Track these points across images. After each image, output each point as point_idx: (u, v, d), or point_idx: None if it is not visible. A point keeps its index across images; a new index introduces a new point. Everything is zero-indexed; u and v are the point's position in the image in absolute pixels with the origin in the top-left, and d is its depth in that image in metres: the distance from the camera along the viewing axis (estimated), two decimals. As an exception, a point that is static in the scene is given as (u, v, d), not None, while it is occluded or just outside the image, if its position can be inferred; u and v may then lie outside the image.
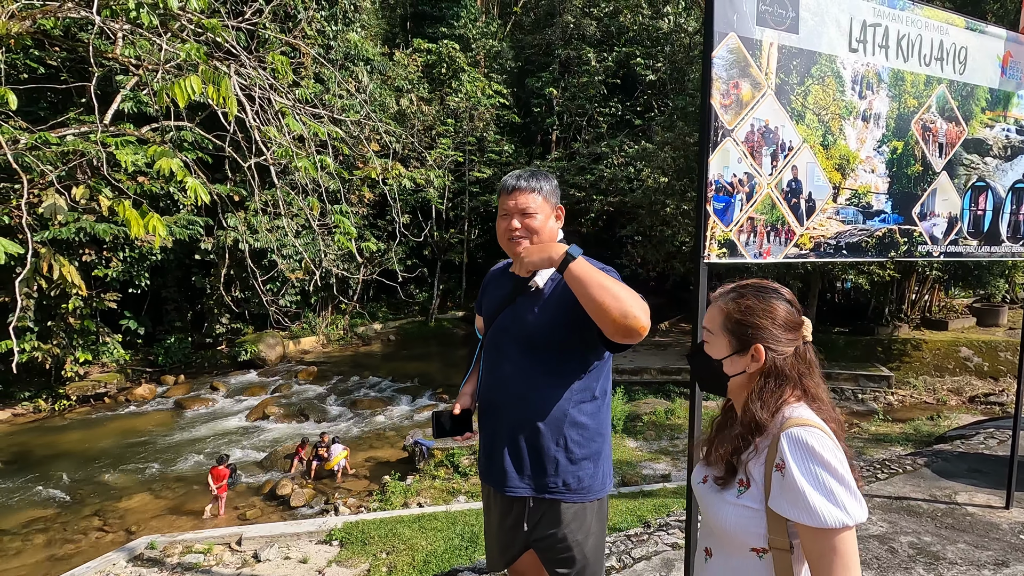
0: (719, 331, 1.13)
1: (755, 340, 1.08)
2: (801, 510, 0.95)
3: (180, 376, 13.20)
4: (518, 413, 1.63)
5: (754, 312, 1.09)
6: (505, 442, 1.65)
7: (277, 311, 6.40)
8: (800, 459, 0.97)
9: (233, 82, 3.93)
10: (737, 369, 1.11)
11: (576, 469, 1.62)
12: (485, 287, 1.87)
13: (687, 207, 12.18)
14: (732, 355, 1.11)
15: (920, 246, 2.60)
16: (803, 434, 0.98)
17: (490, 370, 1.72)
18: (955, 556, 2.74)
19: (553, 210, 1.69)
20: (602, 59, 18.37)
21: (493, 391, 1.69)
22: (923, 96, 2.51)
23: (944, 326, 12.59)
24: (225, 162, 12.99)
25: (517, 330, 1.65)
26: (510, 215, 1.64)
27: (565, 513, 1.62)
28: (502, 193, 1.68)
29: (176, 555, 4.84)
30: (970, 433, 5.35)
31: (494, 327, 1.71)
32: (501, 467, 1.64)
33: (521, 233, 1.63)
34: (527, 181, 1.66)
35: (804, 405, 1.06)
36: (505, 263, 1.84)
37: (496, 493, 1.70)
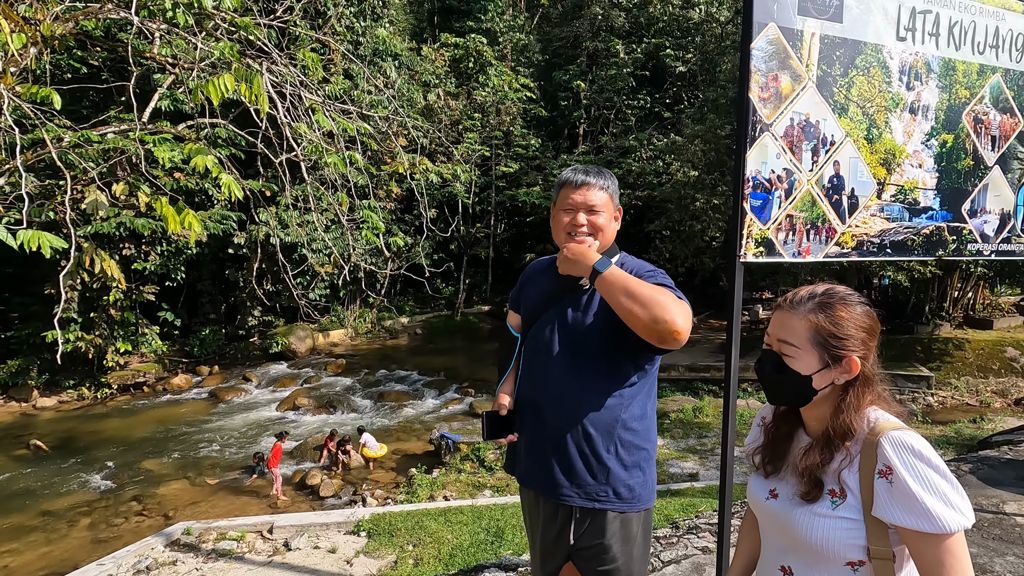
0: (807, 345, 1.05)
1: (849, 352, 1.03)
2: (919, 516, 0.92)
3: (214, 367, 13.58)
4: (566, 417, 1.55)
5: (846, 324, 1.04)
6: (550, 446, 1.57)
7: (307, 304, 6.52)
8: (909, 463, 0.94)
9: (265, 80, 3.99)
10: (826, 382, 1.05)
11: (627, 477, 1.55)
12: (524, 282, 1.79)
13: (717, 201, 11.94)
14: (822, 370, 1.04)
15: (970, 245, 2.48)
16: (904, 437, 0.96)
17: (533, 371, 1.63)
18: (1003, 569, 2.62)
19: (615, 210, 1.63)
20: (630, 51, 18.09)
21: (537, 393, 1.61)
22: (976, 86, 2.38)
23: (989, 325, 12.07)
24: (257, 158, 13.26)
25: (565, 331, 1.58)
26: (575, 210, 1.57)
27: (612, 523, 1.54)
28: (566, 186, 1.59)
29: (211, 541, 4.98)
30: (1018, 439, 5.12)
31: (537, 325, 1.64)
32: (548, 473, 1.57)
33: (587, 229, 1.56)
34: (595, 177, 1.59)
35: (878, 408, 1.04)
36: (549, 259, 1.75)
37: (540, 499, 1.62)
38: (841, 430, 1.02)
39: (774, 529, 1.11)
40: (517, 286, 1.81)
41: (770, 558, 1.13)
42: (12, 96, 3.37)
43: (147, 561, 4.60)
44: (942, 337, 11.74)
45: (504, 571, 2.97)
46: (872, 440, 0.98)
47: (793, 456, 1.11)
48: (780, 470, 1.11)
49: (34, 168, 9.06)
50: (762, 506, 1.12)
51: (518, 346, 1.71)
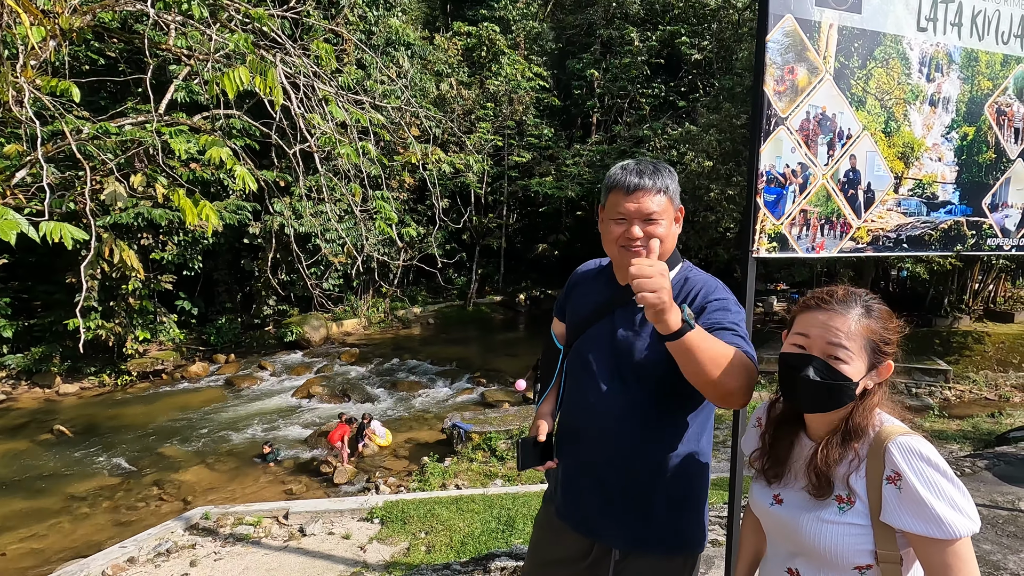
0: (860, 350, 1.02)
1: (888, 356, 1.05)
2: (928, 522, 0.92)
3: (231, 355, 13.79)
4: (611, 448, 1.37)
5: (893, 328, 1.06)
6: (591, 479, 1.41)
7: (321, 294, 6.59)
8: (918, 469, 0.94)
9: (279, 71, 4.01)
10: (862, 386, 1.05)
11: (676, 519, 1.38)
12: (572, 288, 1.61)
13: (732, 192, 11.80)
14: (868, 373, 1.04)
15: (990, 239, 2.43)
16: (912, 443, 0.96)
17: (577, 391, 1.46)
18: (1017, 567, 2.60)
19: (676, 212, 1.40)
20: (645, 38, 17.85)
21: (579, 417, 1.44)
22: (999, 77, 2.33)
23: (1010, 318, 11.85)
24: (271, 149, 13.35)
25: (615, 350, 1.38)
26: (629, 220, 1.33)
27: (656, 568, 1.37)
28: (615, 191, 1.35)
29: (228, 526, 5.09)
30: (1036, 434, 5.04)
31: (583, 339, 1.46)
32: (586, 509, 1.41)
33: (643, 243, 1.32)
34: (651, 178, 1.34)
35: (879, 409, 1.05)
36: (599, 263, 1.59)
37: (572, 533, 1.45)
38: (859, 429, 1.02)
39: (780, 534, 1.10)
40: (563, 292, 1.64)
41: (776, 561, 1.13)
42: (32, 89, 3.42)
43: (167, 544, 4.72)
44: (961, 330, 11.55)
45: (515, 559, 3.01)
46: (879, 445, 0.98)
47: (796, 461, 1.09)
48: (783, 475, 1.10)
49: (54, 159, 9.22)
50: (767, 512, 1.12)
51: (561, 359, 1.55)
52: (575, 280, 1.62)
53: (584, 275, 1.61)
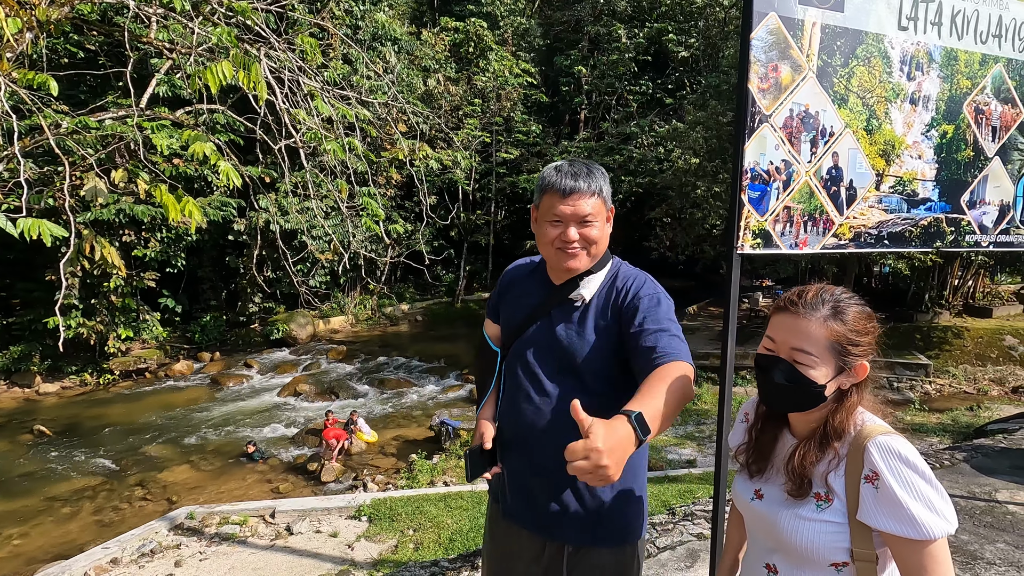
0: (825, 354, 1.00)
1: (859, 357, 1.02)
2: (904, 523, 0.92)
3: (215, 353, 13.64)
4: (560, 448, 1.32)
5: (863, 329, 1.03)
6: (543, 480, 1.42)
7: (307, 291, 6.53)
8: (895, 469, 0.94)
9: (263, 65, 3.96)
10: (834, 388, 1.03)
11: (624, 511, 1.43)
12: (505, 289, 1.57)
13: (718, 189, 11.89)
14: (836, 376, 1.02)
15: (968, 236, 2.48)
16: (892, 443, 0.96)
17: (517, 394, 1.45)
18: (993, 556, 2.66)
19: (608, 212, 1.42)
20: (633, 36, 17.91)
21: (525, 419, 1.42)
22: (977, 76, 2.37)
23: (988, 313, 12.10)
24: (256, 144, 13.19)
25: (557, 350, 1.39)
26: (565, 223, 1.35)
27: (607, 559, 1.42)
28: (550, 193, 1.36)
29: (214, 525, 5.05)
30: (1013, 427, 5.16)
31: (521, 342, 1.46)
32: (538, 509, 1.42)
33: (580, 244, 1.36)
34: (585, 180, 1.35)
35: (861, 408, 1.03)
36: (531, 261, 1.58)
37: (523, 534, 1.46)
38: (838, 430, 1.02)
39: (759, 529, 1.11)
40: (496, 293, 1.60)
41: (756, 555, 1.14)
42: (8, 82, 3.35)
43: (151, 544, 4.67)
44: (941, 325, 11.77)
45: (502, 556, 3.02)
46: (859, 444, 0.98)
47: (778, 457, 1.10)
48: (765, 470, 1.11)
49: (32, 154, 9.04)
50: (747, 506, 1.12)
51: (499, 363, 1.53)
52: (508, 280, 1.59)
53: (517, 275, 1.58)
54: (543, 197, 1.38)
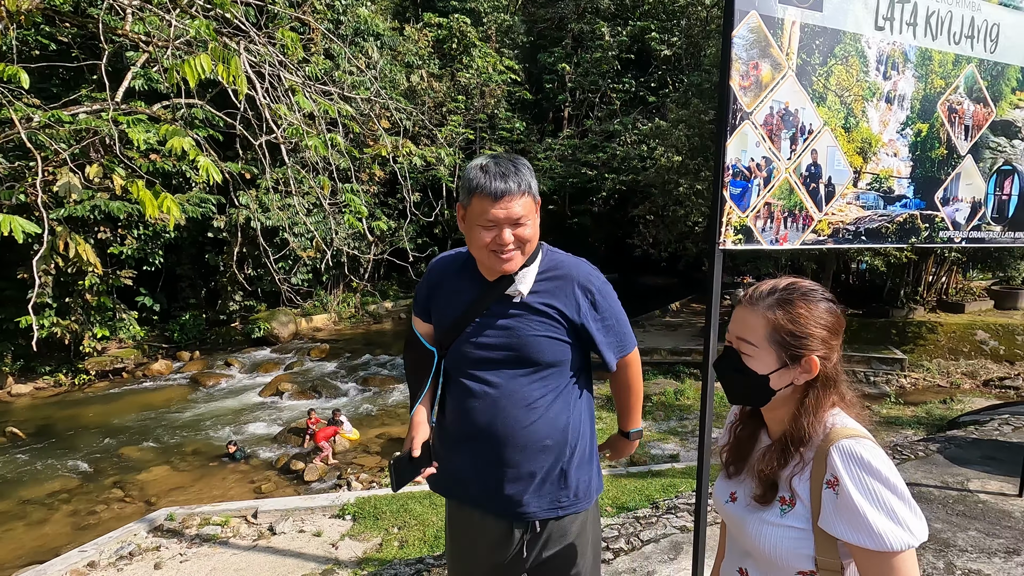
0: (764, 344, 0.99)
1: (808, 351, 0.97)
2: (862, 532, 0.88)
3: (195, 352, 13.42)
4: (523, 433, 1.42)
5: (806, 322, 0.97)
6: (507, 468, 1.44)
7: (289, 289, 6.46)
8: (856, 476, 0.89)
9: (243, 59, 3.90)
10: (784, 382, 0.99)
11: (587, 475, 1.50)
12: (435, 288, 1.51)
13: (701, 187, 12.01)
14: (779, 369, 0.99)
15: (942, 232, 2.54)
16: (855, 447, 0.91)
17: (467, 392, 1.44)
18: (965, 543, 2.74)
19: (536, 206, 1.40)
20: (616, 33, 17.98)
21: (477, 416, 1.43)
22: (951, 76, 2.42)
23: (960, 309, 12.40)
24: (236, 140, 12.99)
25: (502, 340, 1.41)
26: (499, 226, 1.31)
27: (571, 526, 1.48)
28: (484, 198, 1.30)
29: (194, 526, 4.98)
30: (984, 419, 5.31)
31: (462, 340, 1.44)
32: (505, 494, 1.44)
33: (514, 245, 1.34)
34: (515, 180, 1.31)
35: (840, 411, 0.99)
36: (459, 254, 1.53)
37: (485, 520, 1.48)
38: (798, 434, 0.98)
39: (733, 532, 1.10)
40: (424, 291, 1.53)
41: (731, 559, 1.13)
42: (-23, 75, 3.25)
43: (130, 547, 4.58)
44: (916, 320, 12.04)
45: (488, 552, 3.03)
46: (824, 448, 0.94)
47: (754, 458, 1.08)
48: (742, 471, 1.09)
49: (2, 149, 8.79)
50: (722, 508, 1.11)
51: (435, 362, 1.50)
52: (436, 279, 1.52)
53: (444, 272, 1.52)
54: (472, 199, 1.33)
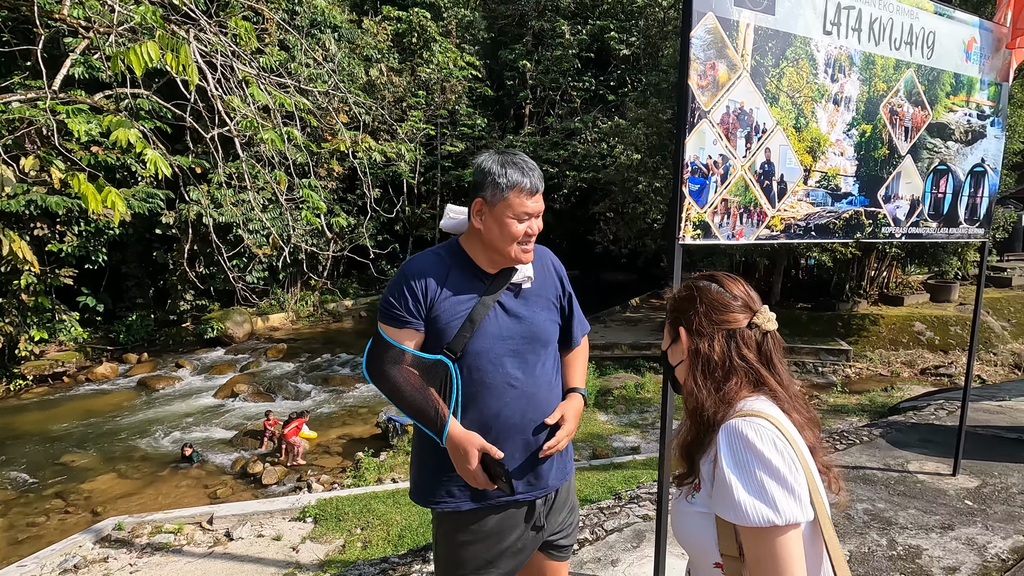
0: (667, 325, 1.11)
1: (679, 324, 1.05)
2: (727, 506, 0.86)
3: (143, 354, 12.84)
4: (542, 418, 1.52)
5: (683, 298, 1.07)
6: (536, 451, 1.51)
7: (244, 287, 6.24)
8: (732, 450, 0.88)
9: (193, 48, 3.74)
10: (677, 359, 1.06)
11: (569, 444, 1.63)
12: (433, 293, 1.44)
13: (659, 184, 12.27)
14: (671, 344, 1.08)
15: (884, 228, 2.68)
16: (741, 424, 0.89)
17: (494, 387, 1.45)
18: (906, 521, 2.91)
19: None
20: (576, 32, 18.15)
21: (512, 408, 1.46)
22: (892, 80, 2.56)
23: (900, 302, 13.10)
24: (186, 132, 12.47)
25: (518, 331, 1.47)
26: (532, 218, 1.45)
27: (570, 486, 1.65)
28: (518, 191, 1.41)
29: (145, 535, 4.78)
30: (921, 405, 5.63)
31: (480, 338, 1.43)
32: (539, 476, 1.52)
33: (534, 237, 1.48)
34: (540, 179, 1.47)
35: (763, 398, 0.97)
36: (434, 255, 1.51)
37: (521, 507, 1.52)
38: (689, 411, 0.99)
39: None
40: (414, 300, 1.43)
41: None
42: None
43: (74, 559, 4.36)
44: (860, 313, 12.66)
45: (453, 548, 3.03)
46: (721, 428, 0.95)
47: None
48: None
49: (-76, 138, 8.17)
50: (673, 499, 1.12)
51: (451, 370, 1.43)
52: (429, 285, 1.44)
53: (434, 274, 1.46)
54: (509, 194, 1.41)
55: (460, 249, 1.51)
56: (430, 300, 1.44)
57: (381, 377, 1.43)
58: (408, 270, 1.47)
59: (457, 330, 1.43)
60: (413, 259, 1.51)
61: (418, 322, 1.44)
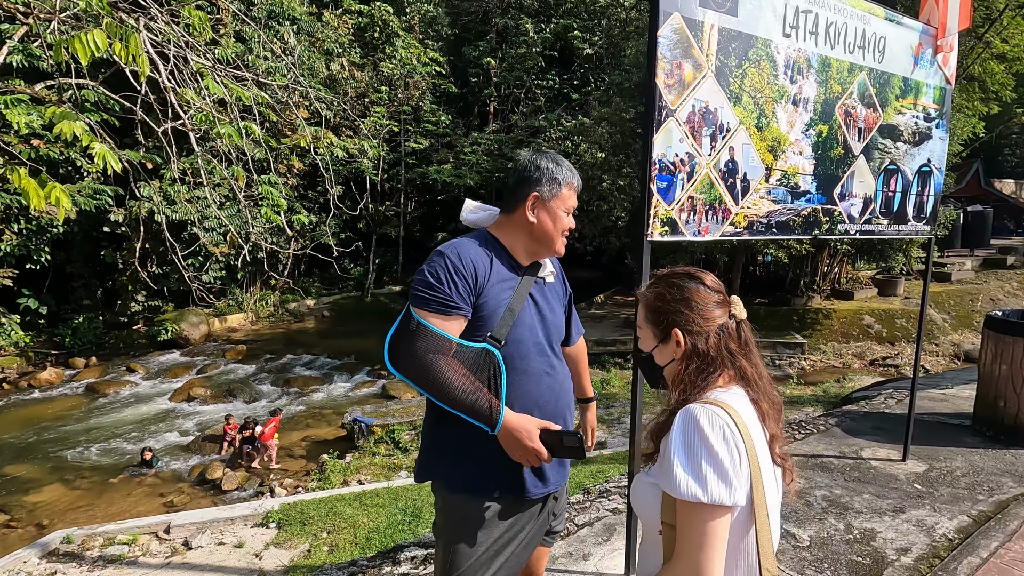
0: (644, 324, 1.14)
1: (673, 326, 1.07)
2: (664, 474, 0.94)
3: (91, 358, 12.24)
4: (566, 410, 1.59)
5: (669, 299, 1.09)
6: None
7: (200, 287, 6.01)
8: (684, 431, 0.95)
9: (143, 37, 3.58)
10: (666, 358, 1.10)
11: None
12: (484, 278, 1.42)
13: (623, 183, 12.44)
14: (658, 345, 1.11)
15: (840, 224, 2.79)
16: (698, 409, 0.96)
17: (533, 375, 1.48)
18: (861, 505, 3.04)
19: None
20: (540, 30, 18.21)
21: (548, 396, 1.52)
22: (846, 82, 2.66)
23: (850, 296, 13.68)
24: (137, 126, 11.94)
25: (546, 324, 1.55)
26: (570, 213, 1.57)
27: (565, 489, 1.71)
28: (570, 188, 1.55)
29: (96, 548, 4.56)
30: (872, 394, 5.90)
31: (519, 327, 1.46)
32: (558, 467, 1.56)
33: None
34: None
35: (737, 388, 1.03)
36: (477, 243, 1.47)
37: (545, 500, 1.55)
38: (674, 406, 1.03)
39: None
40: (466, 283, 1.38)
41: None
42: None
43: (19, 576, 4.13)
44: (813, 307, 13.15)
45: (424, 548, 3.00)
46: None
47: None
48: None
49: None
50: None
51: (496, 357, 1.42)
52: (479, 268, 1.42)
53: (481, 261, 1.44)
54: (563, 190, 1.54)
55: (495, 239, 1.52)
56: (480, 285, 1.41)
57: (424, 371, 1.33)
58: (454, 253, 1.41)
59: (502, 317, 1.43)
60: (455, 243, 1.46)
61: (467, 308, 1.39)
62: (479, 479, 1.44)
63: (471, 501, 1.45)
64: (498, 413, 1.35)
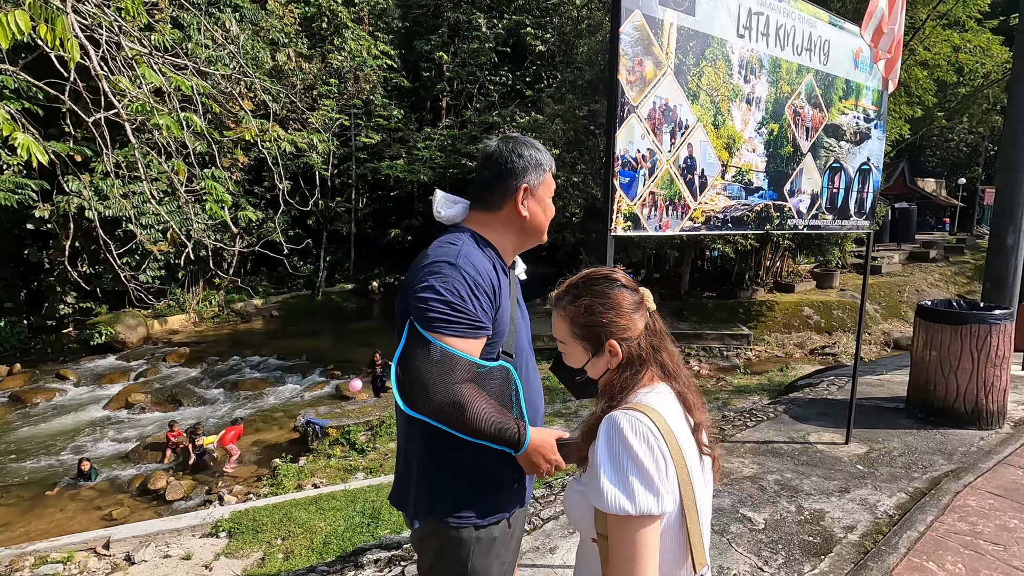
0: (570, 340, 1.06)
1: (607, 337, 1.02)
2: (593, 490, 0.92)
3: (15, 365, 11.38)
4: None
5: (596, 310, 1.03)
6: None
7: (137, 287, 5.67)
8: (609, 440, 0.93)
9: (71, 20, 3.33)
10: (600, 370, 1.05)
11: None
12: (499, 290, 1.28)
13: (577, 179, 12.58)
14: (591, 359, 1.05)
15: (790, 220, 2.90)
16: (621, 417, 0.93)
17: (529, 387, 1.41)
18: (810, 488, 3.19)
19: None
20: (492, 25, 18.16)
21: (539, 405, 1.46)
22: (795, 83, 2.76)
23: (791, 289, 14.36)
24: (65, 116, 11.14)
25: (527, 328, 1.46)
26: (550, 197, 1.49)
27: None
28: (550, 172, 1.44)
29: (26, 568, 4.24)
30: (815, 382, 6.20)
31: (519, 332, 1.38)
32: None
33: None
34: None
35: (661, 385, 1.02)
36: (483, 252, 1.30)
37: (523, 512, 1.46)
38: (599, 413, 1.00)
39: None
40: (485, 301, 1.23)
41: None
42: None
43: (-63, 604, 3.79)
44: (758, 300, 13.73)
45: (387, 550, 2.94)
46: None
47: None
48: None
49: None
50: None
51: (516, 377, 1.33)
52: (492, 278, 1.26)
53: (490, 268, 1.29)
54: (546, 175, 1.42)
55: (482, 238, 1.32)
56: (498, 297, 1.26)
57: (459, 410, 1.16)
58: (469, 264, 1.22)
59: (508, 328, 1.30)
60: (462, 252, 1.24)
61: (491, 326, 1.23)
62: (501, 502, 1.33)
63: (495, 528, 1.33)
64: (524, 435, 1.25)
